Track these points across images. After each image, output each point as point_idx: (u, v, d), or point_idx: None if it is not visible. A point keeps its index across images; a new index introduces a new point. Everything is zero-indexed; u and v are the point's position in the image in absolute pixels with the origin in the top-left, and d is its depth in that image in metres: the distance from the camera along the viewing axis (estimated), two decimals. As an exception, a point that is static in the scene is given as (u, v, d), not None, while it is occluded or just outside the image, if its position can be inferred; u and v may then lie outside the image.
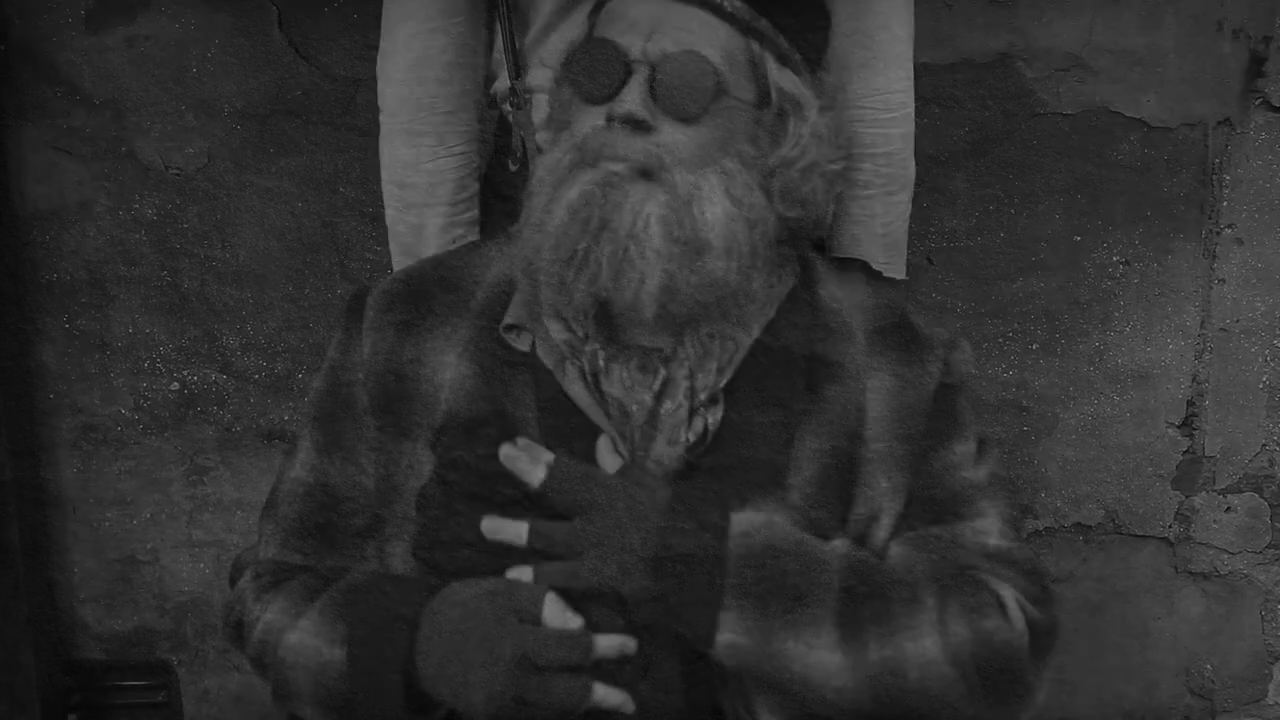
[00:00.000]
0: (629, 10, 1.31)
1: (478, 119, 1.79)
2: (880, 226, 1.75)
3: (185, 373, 2.59)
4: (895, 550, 1.35)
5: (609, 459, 1.30)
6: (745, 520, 1.26)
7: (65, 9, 2.40)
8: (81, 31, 2.42)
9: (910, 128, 1.75)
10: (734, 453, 1.32)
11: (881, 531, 1.35)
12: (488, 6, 1.75)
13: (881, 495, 1.35)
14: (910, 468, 1.36)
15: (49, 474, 2.63)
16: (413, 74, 1.71)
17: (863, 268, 1.76)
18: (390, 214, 1.77)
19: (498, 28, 1.76)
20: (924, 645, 1.25)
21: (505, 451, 1.28)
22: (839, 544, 1.30)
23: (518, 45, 1.74)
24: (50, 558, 2.67)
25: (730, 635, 1.23)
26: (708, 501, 1.27)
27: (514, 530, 1.26)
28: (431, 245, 1.75)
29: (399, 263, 1.78)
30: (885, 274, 1.77)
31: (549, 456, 1.27)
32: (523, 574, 1.25)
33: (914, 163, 1.77)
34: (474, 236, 1.78)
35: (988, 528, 1.36)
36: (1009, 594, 1.31)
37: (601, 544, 1.24)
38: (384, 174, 1.77)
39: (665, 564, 1.23)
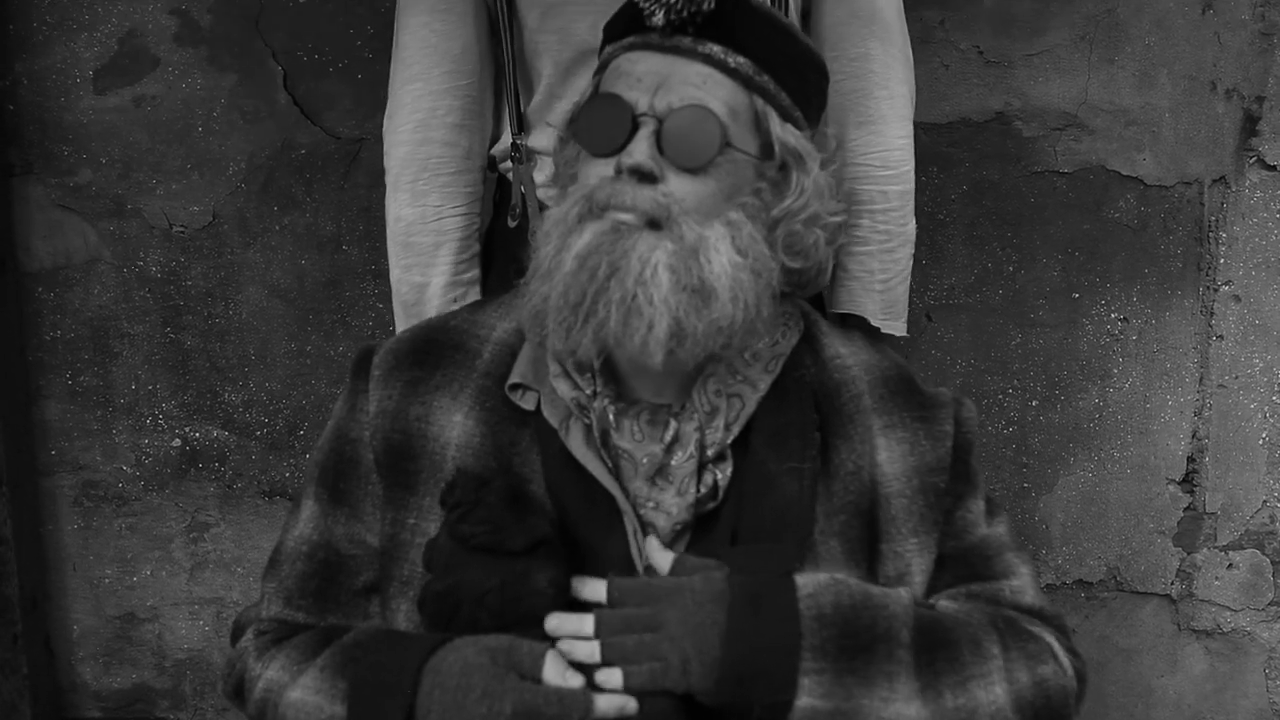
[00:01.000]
0: (635, 66, 1.33)
1: (482, 180, 1.81)
2: (878, 283, 1.77)
3: (187, 429, 2.59)
4: (944, 604, 1.37)
5: (659, 557, 1.30)
6: (811, 581, 1.27)
7: (74, 70, 2.44)
8: (90, 92, 2.45)
9: (909, 185, 1.77)
10: (758, 506, 1.33)
11: (915, 589, 1.36)
12: (494, 70, 1.78)
13: (910, 553, 1.36)
14: (936, 525, 1.37)
15: (49, 530, 2.63)
16: (418, 135, 1.74)
17: (861, 323, 1.78)
18: (394, 273, 1.79)
19: (502, 89, 1.78)
20: (995, 692, 1.28)
21: (553, 624, 1.27)
22: (903, 593, 1.31)
23: (521, 104, 1.77)
24: (49, 614, 2.66)
25: (809, 700, 1.23)
26: (768, 569, 1.28)
27: (587, 650, 1.25)
28: (433, 304, 1.76)
29: (401, 321, 1.80)
30: (885, 330, 1.78)
31: (603, 583, 1.28)
32: (612, 676, 1.24)
33: (914, 220, 1.78)
34: (475, 296, 1.80)
35: (1023, 586, 1.40)
36: (1055, 641, 1.37)
37: (679, 649, 1.24)
38: (388, 233, 1.79)
39: (743, 642, 1.24)
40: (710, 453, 1.33)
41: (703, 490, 1.33)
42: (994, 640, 1.32)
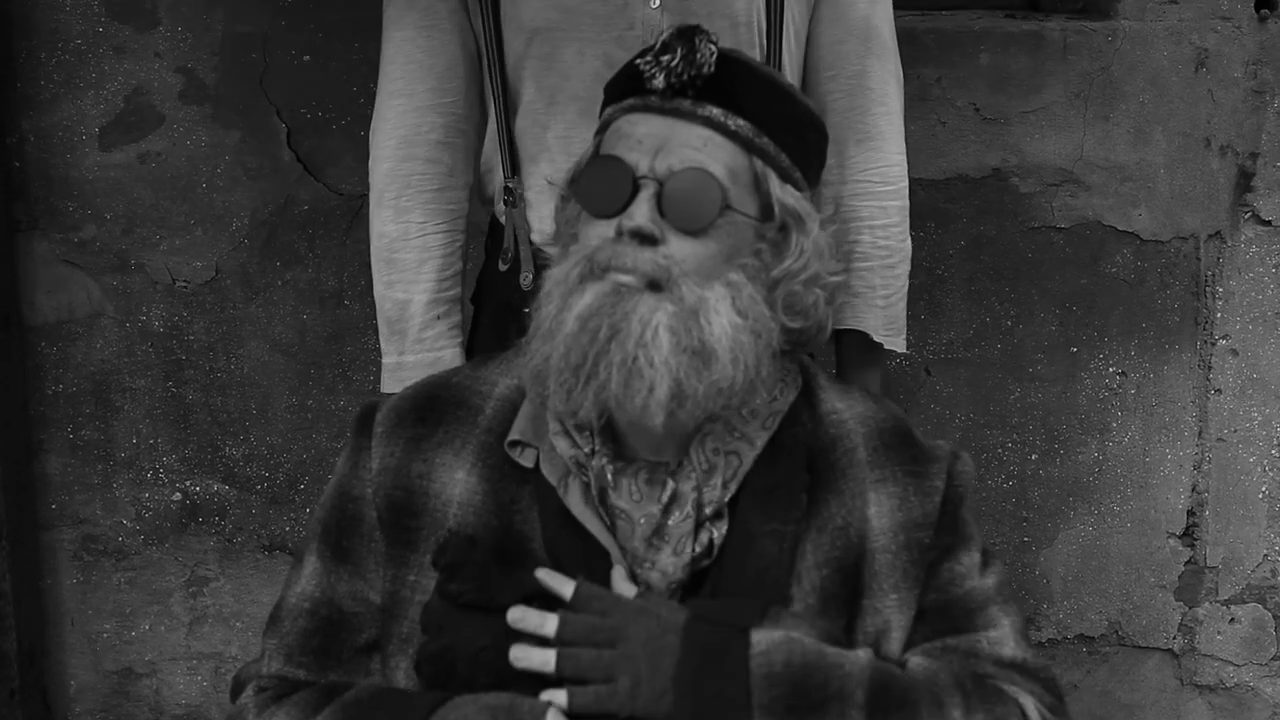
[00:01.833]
0: (636, 128, 1.35)
1: (467, 198, 1.81)
2: (880, 299, 1.78)
3: (188, 483, 2.59)
4: (914, 661, 1.36)
5: (624, 587, 1.31)
6: (765, 638, 1.27)
7: (80, 127, 2.46)
8: (95, 148, 2.47)
9: (906, 201, 1.79)
10: (739, 566, 1.33)
11: (892, 645, 1.36)
12: (480, 91, 1.78)
13: (890, 609, 1.36)
14: (918, 581, 1.37)
15: (48, 585, 2.62)
16: (401, 151, 1.74)
17: (860, 336, 1.78)
18: (378, 289, 1.79)
19: (491, 111, 1.78)
20: None
21: (515, 615, 1.29)
22: (861, 654, 1.30)
23: (514, 144, 1.77)
24: (47, 669, 2.65)
25: None
26: (726, 620, 1.28)
27: (541, 658, 1.27)
28: (416, 320, 1.76)
29: (385, 337, 1.79)
30: (887, 345, 1.78)
31: (572, 583, 1.29)
32: (556, 698, 1.25)
33: (910, 236, 1.80)
34: (457, 314, 1.80)
35: (1002, 638, 1.38)
36: (1030, 703, 1.34)
37: (632, 670, 1.25)
38: (372, 249, 1.79)
39: (691, 689, 1.24)
40: (708, 511, 1.34)
41: (698, 549, 1.33)
42: (956, 702, 1.30)
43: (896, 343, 1.80)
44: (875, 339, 1.79)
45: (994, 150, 2.54)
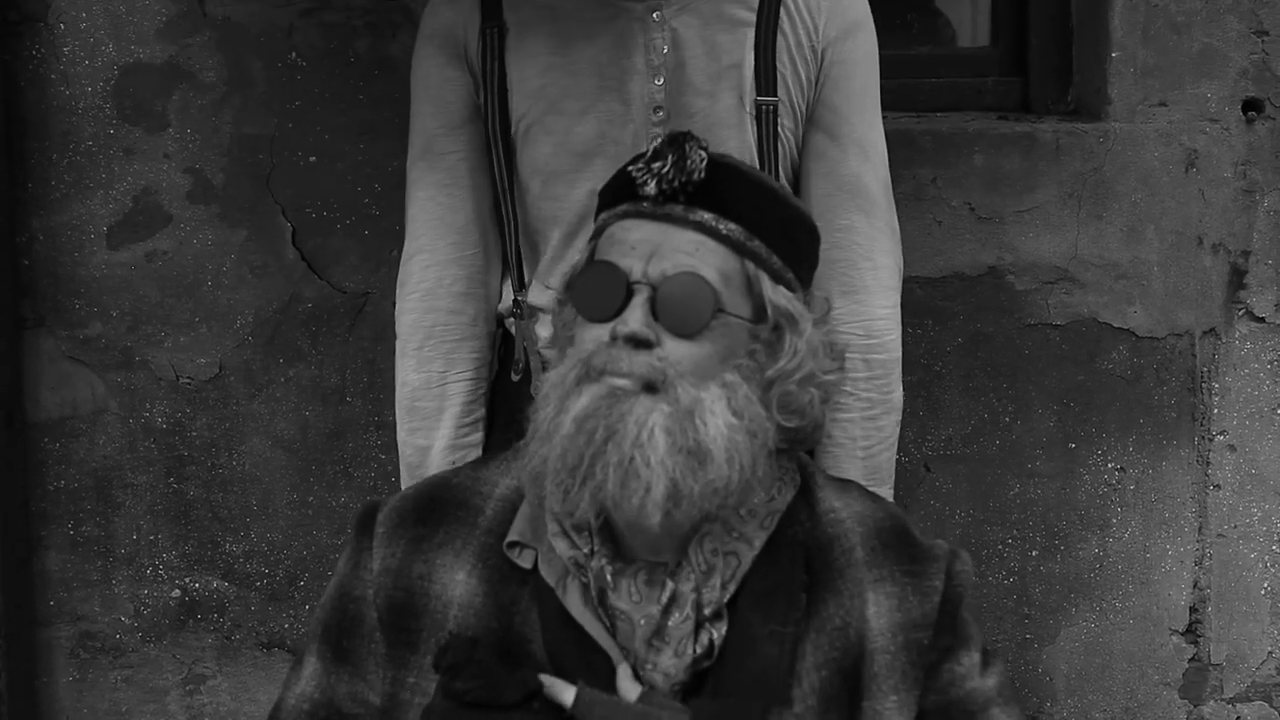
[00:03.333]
0: (629, 234, 1.37)
1: (489, 345, 1.85)
2: (860, 450, 1.79)
3: (187, 580, 2.59)
4: None
5: (628, 686, 1.31)
6: None
7: (89, 226, 2.50)
8: (103, 247, 2.50)
9: (894, 354, 1.80)
10: (739, 667, 1.33)
11: None
12: (499, 235, 1.83)
13: (890, 710, 1.36)
14: (918, 682, 1.36)
15: (44, 682, 2.60)
16: (424, 304, 1.80)
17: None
18: (400, 435, 1.84)
19: (506, 251, 1.83)
20: None
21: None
22: None
23: (525, 268, 1.82)
24: (41, 770, 2.62)
25: None
26: None
27: None
28: (434, 467, 1.80)
29: (406, 483, 1.82)
30: None
31: (573, 689, 1.30)
32: None
33: (900, 389, 1.81)
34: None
35: None
36: None
37: None
38: (396, 397, 1.84)
39: None
40: (707, 612, 1.34)
41: (699, 650, 1.33)
42: None
43: (882, 493, 1.78)
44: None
45: (990, 248, 2.57)
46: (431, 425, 1.80)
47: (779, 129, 1.74)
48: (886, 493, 1.81)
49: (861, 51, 1.78)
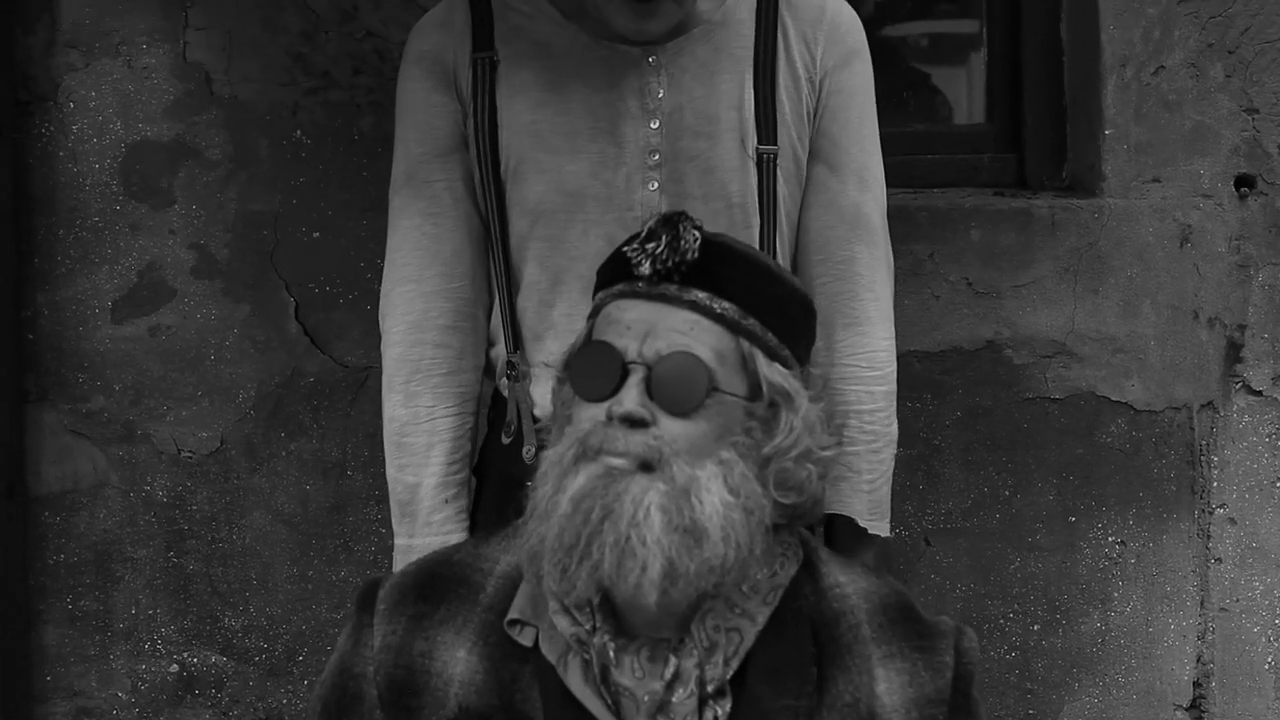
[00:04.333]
0: (624, 314, 1.39)
1: (477, 380, 1.84)
2: (865, 483, 1.78)
3: (185, 654, 2.58)
4: None
5: None
6: None
7: (94, 301, 2.52)
8: (107, 321, 2.52)
9: (893, 386, 1.80)
10: None
11: None
12: (487, 271, 1.82)
13: None
14: None
15: (40, 760, 2.59)
16: (411, 336, 1.77)
17: (849, 523, 1.78)
18: (389, 472, 1.80)
19: (496, 293, 1.82)
20: None
21: None
22: None
23: (515, 315, 1.81)
24: None
25: None
26: None
27: None
28: (425, 503, 1.77)
29: (396, 519, 1.80)
30: (871, 530, 1.78)
31: None
32: None
33: (897, 420, 1.81)
34: (465, 498, 1.81)
35: None
36: None
37: None
38: (384, 432, 1.81)
39: None
40: (710, 688, 1.34)
41: None
42: None
43: (881, 527, 1.79)
44: (860, 524, 1.79)
45: (987, 323, 2.59)
46: (420, 462, 1.77)
47: (778, 177, 1.74)
48: (885, 526, 1.81)
49: (859, 80, 1.78)
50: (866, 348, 1.77)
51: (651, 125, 1.71)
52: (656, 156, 1.71)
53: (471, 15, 1.74)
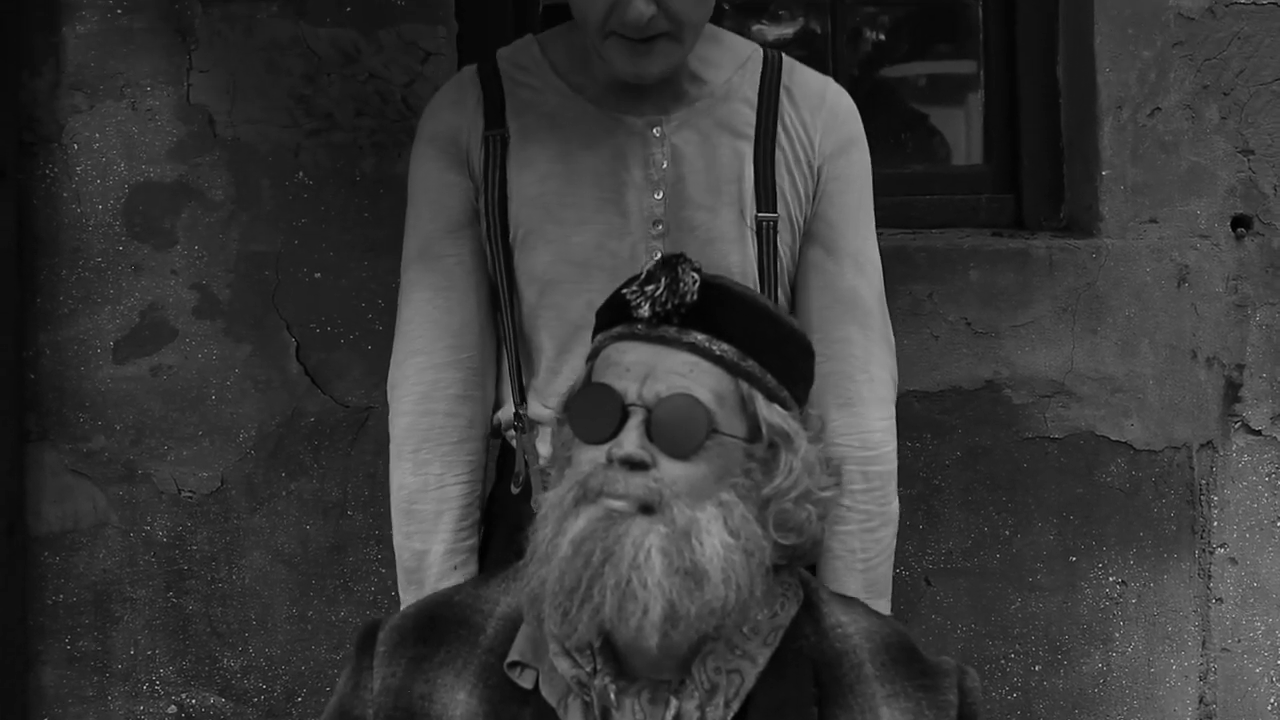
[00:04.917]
0: (624, 356, 1.39)
1: (485, 449, 1.85)
2: (860, 562, 1.77)
3: (183, 695, 2.57)
4: None
5: None
6: None
7: (95, 341, 2.53)
8: (109, 361, 2.53)
9: (891, 465, 1.79)
10: None
11: None
12: (496, 340, 1.85)
13: None
14: None
15: (37, 802, 2.57)
16: (421, 406, 1.78)
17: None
18: (397, 539, 1.81)
19: (503, 358, 1.84)
20: None
21: None
22: None
23: (523, 376, 1.82)
24: None
25: None
26: None
27: None
28: (433, 571, 1.77)
29: (403, 586, 1.81)
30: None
31: None
32: None
33: (897, 500, 1.81)
34: (474, 564, 1.82)
35: None
36: None
37: None
38: (392, 500, 1.82)
39: None
40: None
41: None
42: None
43: (880, 606, 1.76)
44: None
45: (986, 363, 2.60)
46: (429, 529, 1.77)
47: (778, 245, 1.76)
48: (884, 605, 1.80)
49: (857, 168, 1.80)
50: (859, 428, 1.77)
51: (655, 196, 1.73)
52: (660, 227, 1.73)
53: (484, 94, 1.77)
